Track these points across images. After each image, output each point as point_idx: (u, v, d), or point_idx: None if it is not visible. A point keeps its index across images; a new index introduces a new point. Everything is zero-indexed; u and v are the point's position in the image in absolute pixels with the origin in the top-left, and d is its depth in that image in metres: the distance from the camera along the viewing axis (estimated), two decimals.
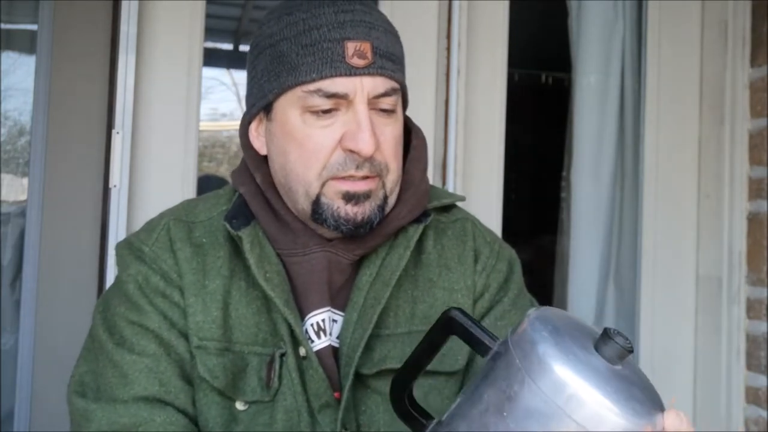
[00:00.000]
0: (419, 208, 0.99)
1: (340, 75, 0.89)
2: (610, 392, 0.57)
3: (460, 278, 1.00)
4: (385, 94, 0.92)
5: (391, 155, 0.93)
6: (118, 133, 1.72)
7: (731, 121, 2.07)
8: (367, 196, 0.92)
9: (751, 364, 1.98)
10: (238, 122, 1.02)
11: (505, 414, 0.59)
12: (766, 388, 1.91)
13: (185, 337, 0.94)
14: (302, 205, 0.94)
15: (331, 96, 0.89)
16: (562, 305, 2.29)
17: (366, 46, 0.89)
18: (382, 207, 0.93)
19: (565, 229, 2.30)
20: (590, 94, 2.21)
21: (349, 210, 0.91)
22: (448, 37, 1.96)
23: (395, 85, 0.93)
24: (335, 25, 0.90)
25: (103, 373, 0.93)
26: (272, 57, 0.93)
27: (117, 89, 1.73)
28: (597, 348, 0.61)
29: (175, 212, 1.02)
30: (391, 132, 0.93)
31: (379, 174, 0.92)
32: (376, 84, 0.90)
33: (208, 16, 1.86)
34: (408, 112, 1.06)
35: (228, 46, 3.76)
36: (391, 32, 0.95)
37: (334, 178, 0.91)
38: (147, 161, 1.79)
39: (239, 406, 0.93)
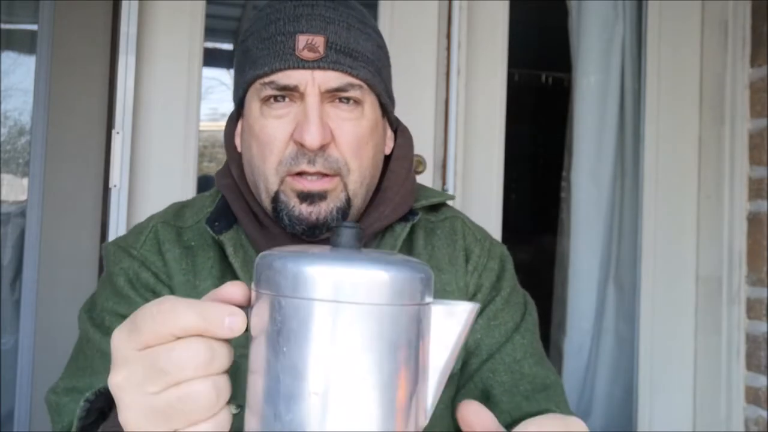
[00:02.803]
0: (404, 206, 0.98)
1: (290, 68, 0.88)
2: (362, 261, 0.54)
3: (452, 279, 0.99)
4: (340, 89, 0.90)
5: (350, 152, 0.91)
6: (118, 133, 1.72)
7: (731, 121, 2.07)
8: (322, 196, 0.90)
9: (751, 364, 1.98)
10: None
11: (284, 350, 0.55)
12: (766, 388, 1.91)
13: None
14: (265, 203, 0.93)
15: (282, 88, 0.89)
16: (562, 305, 2.29)
17: (318, 40, 0.89)
18: (342, 210, 0.91)
19: (565, 229, 2.30)
20: (590, 94, 2.21)
21: (304, 210, 0.90)
22: (448, 37, 1.96)
23: (354, 81, 0.90)
24: (291, 18, 0.90)
25: (91, 366, 0.92)
26: (242, 52, 0.94)
27: (117, 89, 1.73)
28: (334, 245, 0.57)
29: (163, 216, 1.02)
30: (351, 127, 0.91)
31: (337, 173, 0.90)
32: (328, 78, 0.89)
33: (208, 16, 1.86)
34: (408, 112, 1.06)
35: (228, 46, 3.75)
36: (358, 29, 0.92)
37: (290, 174, 0.90)
38: (147, 161, 1.79)
39: (231, 409, 0.93)
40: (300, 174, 0.89)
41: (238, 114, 0.99)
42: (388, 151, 1.00)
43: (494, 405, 0.95)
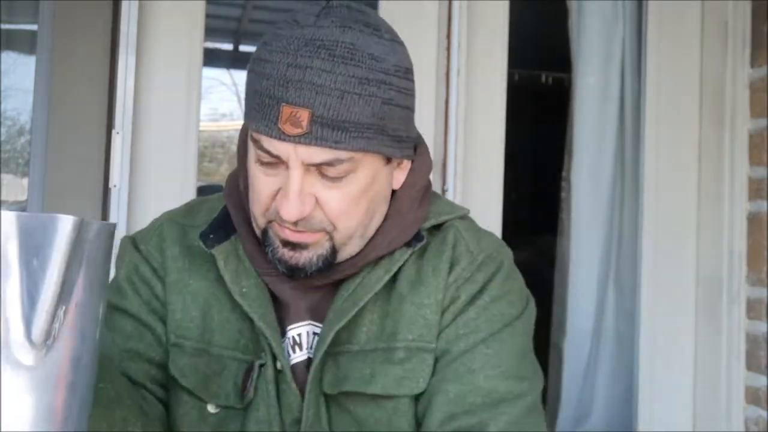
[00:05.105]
0: (404, 237, 0.94)
1: (273, 137, 0.84)
2: None
3: (431, 292, 0.94)
4: (326, 164, 0.84)
5: (337, 216, 0.87)
6: (118, 133, 1.72)
7: (731, 121, 2.07)
8: (303, 246, 0.88)
9: (751, 364, 1.98)
10: (238, 122, 1.01)
11: None
12: (766, 388, 1.91)
13: (164, 323, 0.95)
14: (257, 231, 0.92)
15: (267, 152, 0.85)
16: (562, 305, 2.29)
17: (303, 114, 0.82)
18: (326, 258, 0.89)
19: (565, 229, 2.30)
20: (590, 94, 2.21)
21: (286, 254, 0.88)
22: (448, 37, 1.96)
23: (341, 155, 0.84)
24: (280, 81, 0.83)
25: None
26: (247, 81, 0.90)
27: (117, 89, 1.73)
28: None
29: (174, 213, 1.02)
30: (338, 196, 0.86)
31: (322, 230, 0.88)
32: (311, 153, 0.83)
33: (208, 16, 1.86)
34: None
35: (228, 46, 3.76)
36: (355, 94, 0.83)
37: (275, 221, 0.88)
38: (147, 161, 1.79)
39: (210, 408, 0.93)
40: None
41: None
42: (397, 186, 0.95)
43: (429, 415, 0.90)
